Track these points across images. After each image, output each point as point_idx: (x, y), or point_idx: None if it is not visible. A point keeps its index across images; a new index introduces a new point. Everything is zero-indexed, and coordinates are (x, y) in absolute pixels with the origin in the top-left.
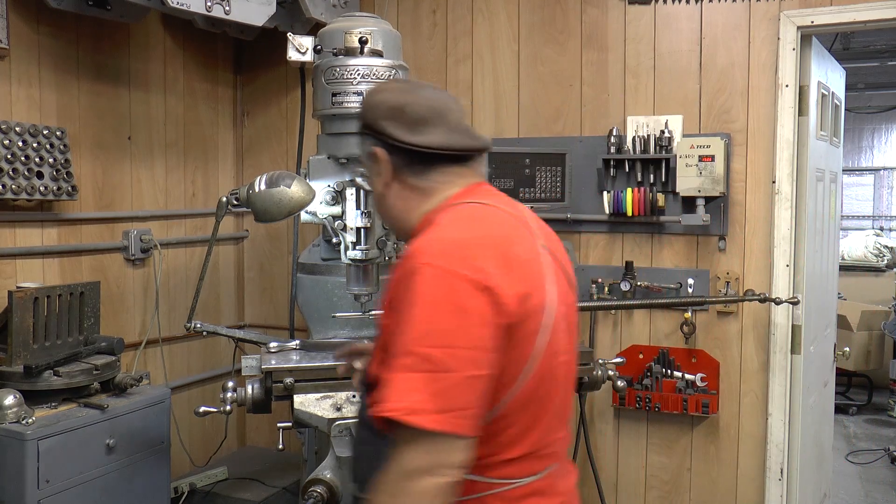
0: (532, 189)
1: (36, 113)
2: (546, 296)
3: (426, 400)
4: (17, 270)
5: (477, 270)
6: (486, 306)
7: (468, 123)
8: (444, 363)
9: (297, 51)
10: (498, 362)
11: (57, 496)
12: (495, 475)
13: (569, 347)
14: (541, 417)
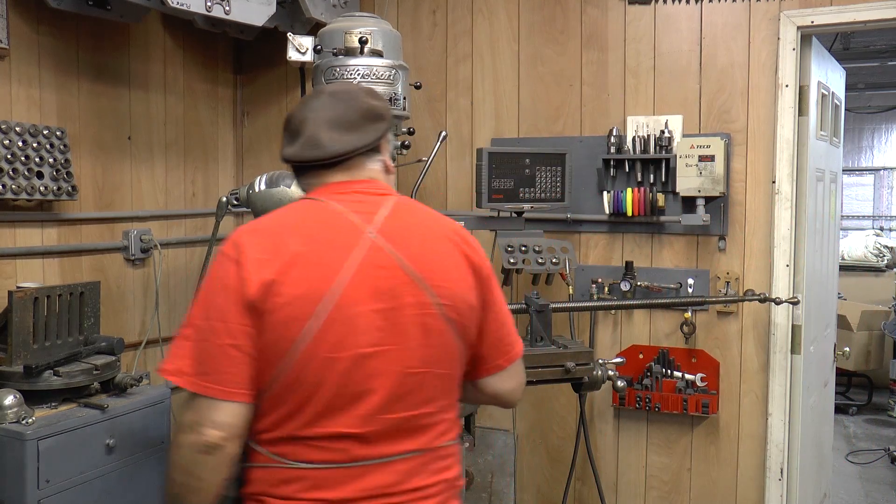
0: (532, 189)
1: (36, 113)
2: (327, 287)
3: (189, 364)
4: (17, 270)
5: (239, 252)
6: (235, 284)
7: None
8: (205, 332)
9: (297, 51)
10: (253, 339)
11: (57, 496)
12: (272, 450)
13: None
14: (308, 405)
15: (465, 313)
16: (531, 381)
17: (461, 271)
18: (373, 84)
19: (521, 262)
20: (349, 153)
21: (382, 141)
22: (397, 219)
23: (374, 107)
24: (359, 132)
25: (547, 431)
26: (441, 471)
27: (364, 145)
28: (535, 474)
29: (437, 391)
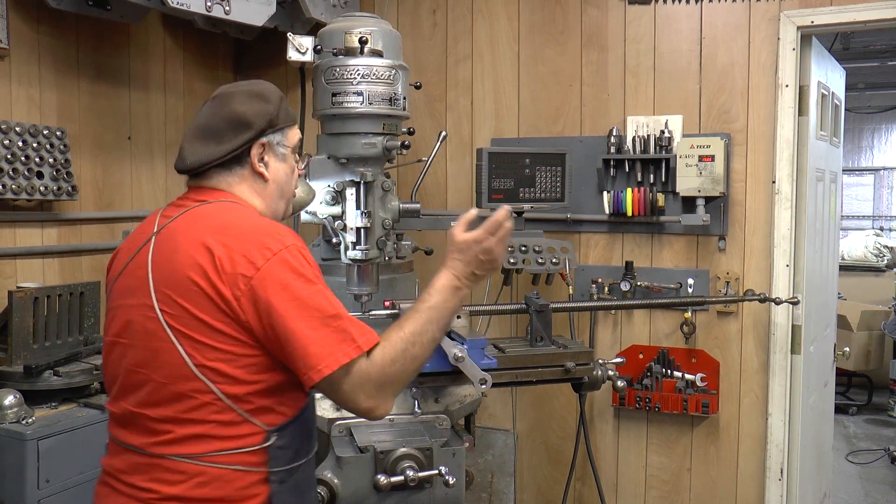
0: (532, 189)
1: (36, 113)
2: (112, 278)
3: None
4: (17, 270)
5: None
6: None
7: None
8: None
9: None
10: None
11: (57, 496)
12: None
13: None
14: (109, 386)
15: (194, 326)
16: (531, 381)
17: (196, 284)
18: (373, 84)
19: (521, 262)
20: (202, 165)
21: (251, 149)
22: (177, 223)
23: (239, 114)
24: (216, 142)
25: (547, 431)
26: (161, 482)
27: (216, 158)
28: (535, 474)
29: (163, 399)
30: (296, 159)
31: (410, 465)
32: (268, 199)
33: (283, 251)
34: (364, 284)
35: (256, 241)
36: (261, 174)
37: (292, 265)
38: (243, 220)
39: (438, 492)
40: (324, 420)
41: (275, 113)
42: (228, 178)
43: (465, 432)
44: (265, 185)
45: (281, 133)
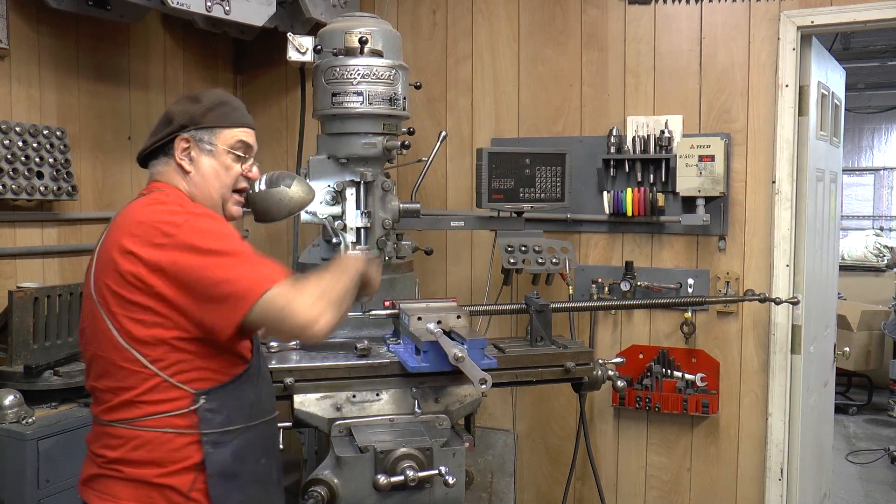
0: (532, 189)
1: (36, 113)
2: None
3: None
4: (17, 270)
5: None
6: None
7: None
8: None
9: (297, 51)
10: None
11: (57, 496)
12: None
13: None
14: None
15: (116, 302)
16: (531, 381)
17: (115, 264)
18: (373, 84)
19: (521, 262)
20: (140, 153)
21: (174, 143)
22: (116, 218)
23: (168, 112)
24: (151, 135)
25: (547, 431)
26: (107, 447)
27: (146, 147)
28: (535, 474)
29: (105, 371)
30: (235, 158)
31: (410, 465)
32: (196, 187)
33: (179, 228)
34: None
35: (156, 226)
36: (183, 167)
37: (192, 238)
38: (151, 210)
39: (438, 492)
40: (324, 420)
41: (199, 112)
42: (160, 167)
43: (465, 432)
44: (191, 176)
45: (209, 132)
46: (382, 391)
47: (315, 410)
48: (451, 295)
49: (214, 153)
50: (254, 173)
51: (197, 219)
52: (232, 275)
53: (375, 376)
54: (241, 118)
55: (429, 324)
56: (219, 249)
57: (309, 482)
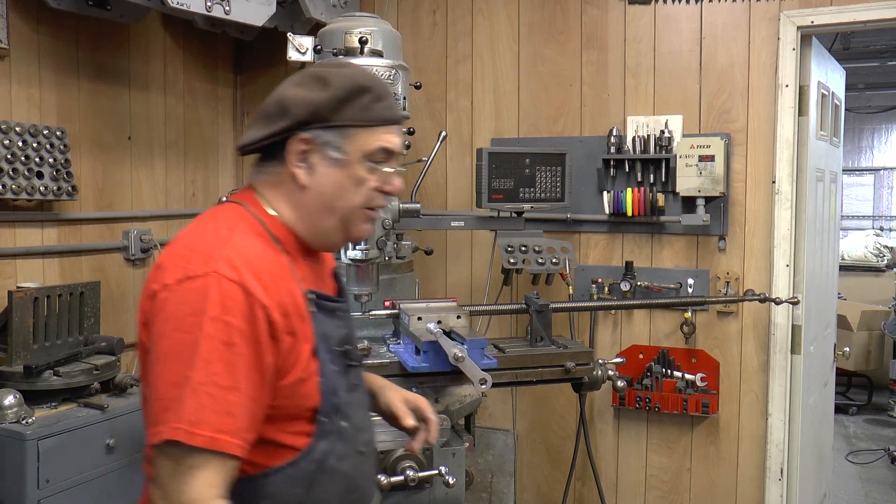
0: (532, 189)
1: (36, 113)
2: None
3: None
4: (17, 270)
5: None
6: None
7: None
8: None
9: (297, 51)
10: None
11: (57, 496)
12: None
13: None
14: None
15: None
16: (531, 381)
17: (141, 305)
18: None
19: (521, 262)
20: (242, 148)
21: (287, 144)
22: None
23: (282, 99)
24: (261, 125)
25: (547, 431)
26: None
27: (249, 142)
28: (535, 474)
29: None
30: (371, 169)
31: (410, 465)
32: (303, 210)
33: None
34: (364, 284)
35: (184, 257)
36: (296, 176)
37: (191, 298)
38: (193, 235)
39: (438, 492)
40: None
41: (327, 104)
42: (264, 174)
43: (465, 432)
44: (302, 192)
45: (337, 132)
46: None
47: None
48: (451, 295)
49: (344, 163)
50: (394, 186)
51: (206, 281)
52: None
53: None
54: (387, 112)
55: (429, 324)
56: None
57: None
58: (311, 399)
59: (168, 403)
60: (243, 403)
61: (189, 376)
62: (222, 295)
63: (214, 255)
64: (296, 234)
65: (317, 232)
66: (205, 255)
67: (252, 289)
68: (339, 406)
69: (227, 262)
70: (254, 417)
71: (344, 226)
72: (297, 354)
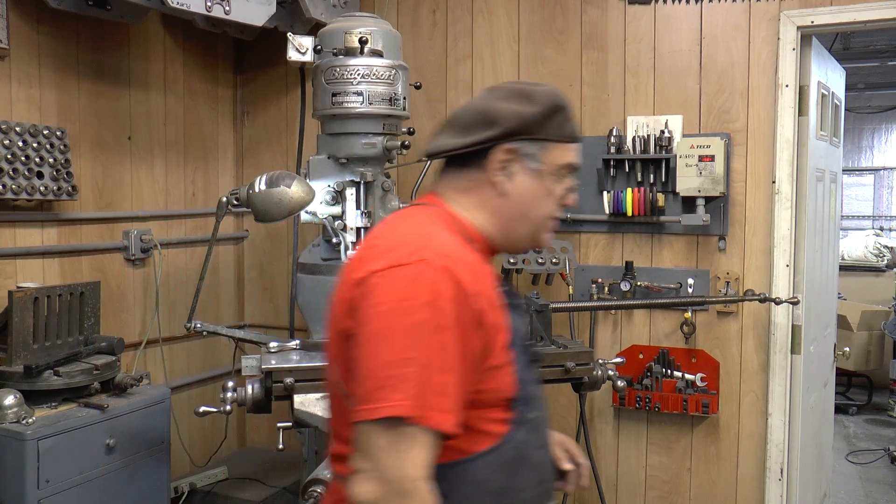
0: None
1: (36, 113)
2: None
3: None
4: (17, 270)
5: None
6: None
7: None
8: None
9: (297, 51)
10: None
11: (57, 496)
12: None
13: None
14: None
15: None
16: None
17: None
18: (373, 84)
19: (521, 262)
20: (437, 153)
21: (491, 152)
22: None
23: (489, 109)
24: (459, 134)
25: None
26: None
27: (450, 148)
28: None
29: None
30: (559, 182)
31: None
32: (500, 216)
33: (409, 265)
34: None
35: (390, 247)
36: (497, 184)
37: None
38: (390, 231)
39: None
40: (324, 420)
41: (534, 118)
42: (458, 180)
43: None
44: (500, 199)
45: (539, 145)
46: None
47: (315, 410)
48: None
49: (540, 174)
50: (571, 199)
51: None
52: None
53: None
54: (575, 131)
55: None
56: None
57: (309, 482)
58: (508, 388)
59: (384, 381)
60: (455, 385)
61: (406, 357)
62: (433, 281)
63: (421, 245)
64: (485, 237)
65: (508, 237)
66: (412, 246)
67: (460, 277)
68: (530, 397)
69: (436, 252)
70: (462, 400)
71: (534, 233)
72: (496, 344)
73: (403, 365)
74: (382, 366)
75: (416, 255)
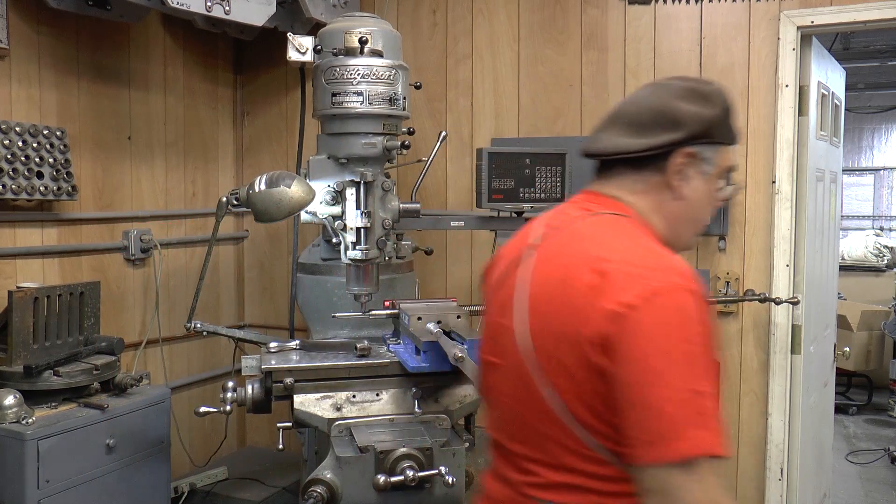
0: (532, 189)
1: (36, 113)
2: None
3: None
4: (17, 270)
5: None
6: None
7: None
8: None
9: (297, 51)
10: None
11: (57, 496)
12: None
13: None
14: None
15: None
16: None
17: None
18: (373, 84)
19: None
20: (613, 154)
21: (671, 155)
22: (557, 242)
23: (672, 110)
24: (636, 133)
25: None
26: None
27: (629, 150)
28: None
29: (528, 436)
30: (720, 187)
31: (410, 465)
32: (672, 220)
33: (666, 293)
34: (364, 284)
35: (634, 273)
36: (675, 188)
37: (669, 313)
38: (626, 245)
39: (438, 492)
40: (324, 420)
41: (713, 121)
42: (633, 182)
43: (465, 432)
44: (675, 203)
45: (714, 149)
46: (382, 391)
47: (315, 410)
48: (451, 295)
49: (710, 178)
50: (723, 200)
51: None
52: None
53: (375, 376)
54: (738, 133)
55: (429, 324)
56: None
57: (309, 482)
58: None
59: (675, 419)
60: (718, 407)
61: (694, 390)
62: (694, 307)
63: (664, 267)
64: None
65: (675, 240)
66: (655, 269)
67: (704, 297)
68: None
69: (680, 274)
70: None
71: (693, 235)
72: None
73: (694, 399)
74: (667, 403)
75: (664, 279)
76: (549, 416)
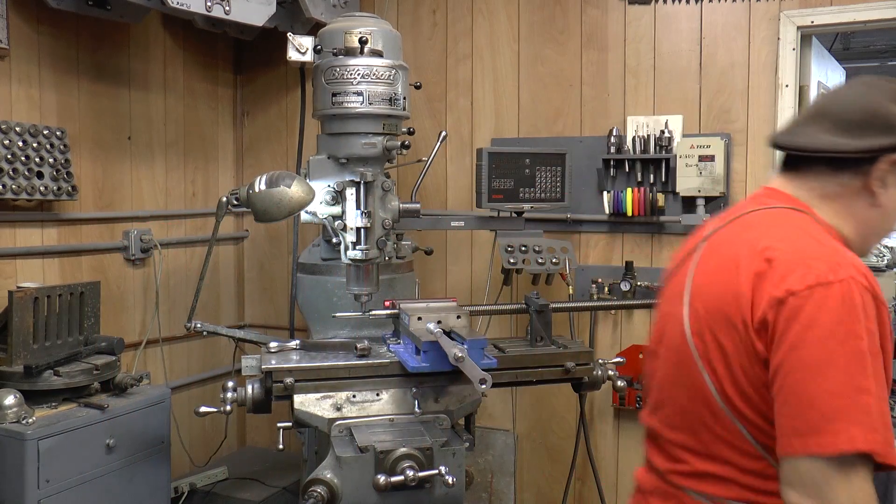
0: (532, 189)
1: (36, 113)
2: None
3: None
4: (17, 270)
5: None
6: None
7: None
8: None
9: (297, 51)
10: None
11: (57, 496)
12: None
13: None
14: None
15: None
16: (531, 381)
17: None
18: (373, 84)
19: (521, 262)
20: (813, 151)
21: (880, 161)
22: (726, 231)
23: (881, 112)
24: (842, 133)
25: (547, 431)
26: None
27: (833, 150)
28: (535, 474)
29: (682, 424)
30: None
31: (410, 465)
32: (862, 226)
33: (834, 284)
34: (364, 284)
35: (804, 262)
36: (875, 195)
37: (835, 305)
38: (797, 235)
39: (438, 492)
40: (324, 420)
41: None
42: (825, 183)
43: (465, 432)
44: (871, 209)
45: None
46: (382, 391)
47: (315, 410)
48: (451, 295)
49: None
50: None
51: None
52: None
53: (375, 376)
54: None
55: (429, 324)
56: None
57: (309, 482)
58: None
59: (834, 414)
60: (887, 413)
61: (858, 386)
62: (864, 302)
63: (837, 261)
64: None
65: (860, 246)
66: (826, 261)
67: (880, 295)
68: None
69: (855, 268)
70: None
71: (877, 244)
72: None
73: (855, 395)
74: (825, 395)
75: (837, 272)
76: (705, 401)
